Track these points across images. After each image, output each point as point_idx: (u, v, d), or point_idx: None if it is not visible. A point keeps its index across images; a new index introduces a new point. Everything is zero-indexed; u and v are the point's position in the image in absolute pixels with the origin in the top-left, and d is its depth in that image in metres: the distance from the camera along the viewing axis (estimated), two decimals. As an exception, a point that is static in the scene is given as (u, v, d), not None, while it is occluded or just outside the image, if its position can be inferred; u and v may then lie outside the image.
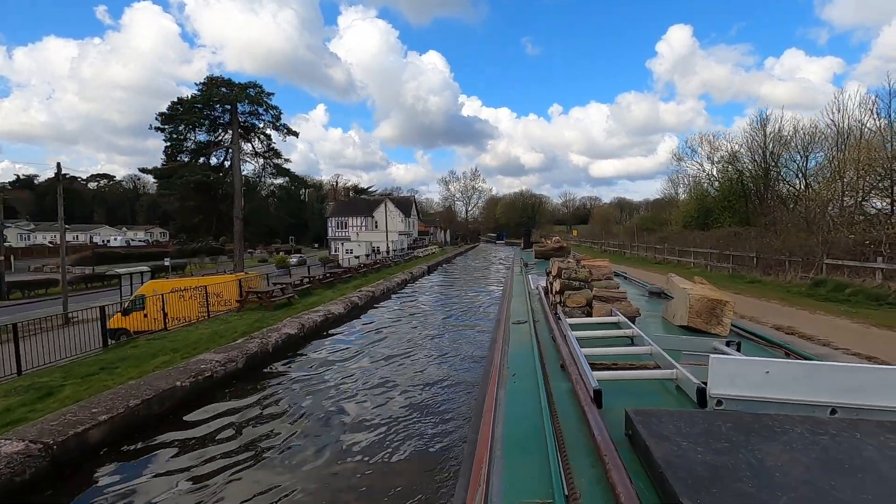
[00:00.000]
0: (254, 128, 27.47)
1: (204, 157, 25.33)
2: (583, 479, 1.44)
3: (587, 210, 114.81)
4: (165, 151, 23.95)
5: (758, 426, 1.44)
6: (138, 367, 8.86)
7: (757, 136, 37.23)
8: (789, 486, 1.13)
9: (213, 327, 12.67)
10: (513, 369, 2.87)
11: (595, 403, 1.86)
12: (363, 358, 11.34)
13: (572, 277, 3.94)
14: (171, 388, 7.86)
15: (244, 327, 11.96)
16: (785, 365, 1.78)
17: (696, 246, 23.64)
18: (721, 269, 19.93)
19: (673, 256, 26.65)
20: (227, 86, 24.99)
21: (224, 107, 25.76)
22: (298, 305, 16.47)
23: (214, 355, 9.45)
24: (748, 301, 12.56)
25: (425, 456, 6.43)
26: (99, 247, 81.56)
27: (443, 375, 9.86)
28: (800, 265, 15.02)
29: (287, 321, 12.90)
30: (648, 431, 1.42)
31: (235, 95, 24.71)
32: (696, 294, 3.36)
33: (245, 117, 27.00)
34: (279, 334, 11.65)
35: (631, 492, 1.24)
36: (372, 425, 7.43)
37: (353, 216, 68.13)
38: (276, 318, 13.52)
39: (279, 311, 14.85)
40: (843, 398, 1.66)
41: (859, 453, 1.28)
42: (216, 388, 8.75)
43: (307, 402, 8.55)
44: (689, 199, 45.27)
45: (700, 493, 1.10)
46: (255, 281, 19.30)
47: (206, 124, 25.75)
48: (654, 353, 2.51)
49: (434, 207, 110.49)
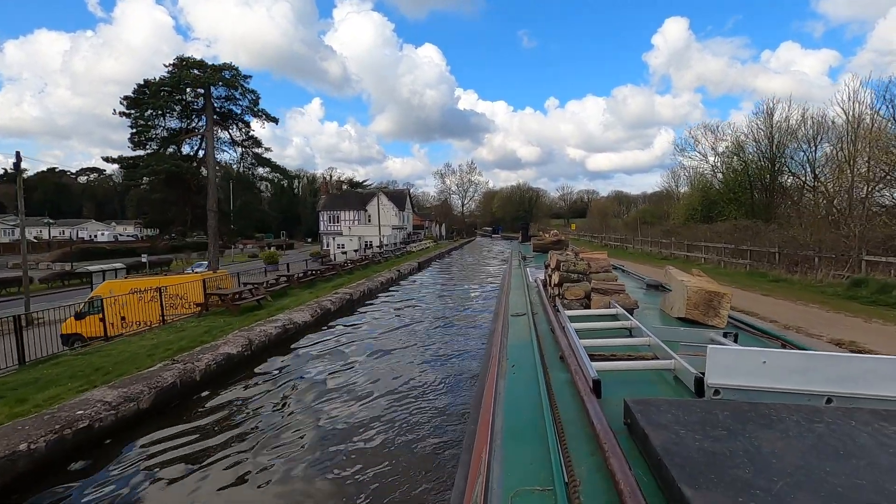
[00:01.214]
0: (231, 114, 25.51)
1: (174, 145, 23.36)
2: (582, 466, 1.46)
3: (585, 203, 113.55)
4: (131, 139, 21.98)
5: (754, 415, 1.45)
6: (10, 405, 6.55)
7: (763, 126, 35.75)
8: (785, 473, 1.13)
9: (160, 337, 10.89)
10: (512, 361, 2.88)
11: (594, 393, 1.87)
12: (321, 396, 8.23)
13: (571, 270, 3.93)
14: (9, 456, 5.21)
15: (186, 341, 10.05)
16: (781, 355, 1.81)
17: (707, 240, 21.85)
18: (736, 266, 18.22)
19: (680, 251, 24.92)
20: (200, 67, 23.00)
21: (197, 91, 23.81)
22: (271, 308, 14.69)
23: (107, 392, 6.80)
24: (782, 305, 10.84)
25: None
26: (85, 242, 79.41)
27: (427, 432, 6.61)
28: (832, 262, 13.32)
29: (232, 336, 10.37)
30: (647, 420, 1.43)
31: (208, 78, 22.73)
32: (694, 286, 3.34)
33: (221, 103, 25.04)
34: (214, 355, 9.01)
35: (630, 479, 1.25)
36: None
37: (346, 210, 66.26)
38: (234, 325, 11.73)
39: (246, 316, 13.07)
40: (839, 387, 1.68)
41: (853, 440, 1.29)
42: (95, 446, 6.11)
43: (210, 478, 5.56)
44: (691, 192, 43.74)
45: (697, 479, 1.11)
46: (225, 280, 17.47)
47: (177, 110, 23.78)
48: (653, 344, 2.51)
49: (430, 201, 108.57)
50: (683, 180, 52.15)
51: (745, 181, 36.29)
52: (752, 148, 37.02)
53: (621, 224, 60.10)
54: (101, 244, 74.47)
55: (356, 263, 27.05)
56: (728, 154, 39.24)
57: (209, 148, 23.43)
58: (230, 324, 11.85)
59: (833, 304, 10.63)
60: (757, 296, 12.13)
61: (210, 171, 23.14)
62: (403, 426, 6.85)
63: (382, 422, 7.01)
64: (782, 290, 12.79)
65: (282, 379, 9.30)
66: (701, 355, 1.95)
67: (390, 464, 5.73)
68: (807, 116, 32.69)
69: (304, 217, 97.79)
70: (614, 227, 55.50)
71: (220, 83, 23.41)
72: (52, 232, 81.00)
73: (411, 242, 57.41)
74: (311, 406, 7.85)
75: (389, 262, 32.05)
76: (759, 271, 16.21)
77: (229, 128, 25.79)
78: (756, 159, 36.58)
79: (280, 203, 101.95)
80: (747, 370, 1.73)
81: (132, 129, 21.81)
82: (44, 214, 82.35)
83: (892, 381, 1.67)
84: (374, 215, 59.14)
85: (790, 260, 15.10)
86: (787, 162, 34.90)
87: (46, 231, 79.34)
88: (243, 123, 25.99)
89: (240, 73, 23.67)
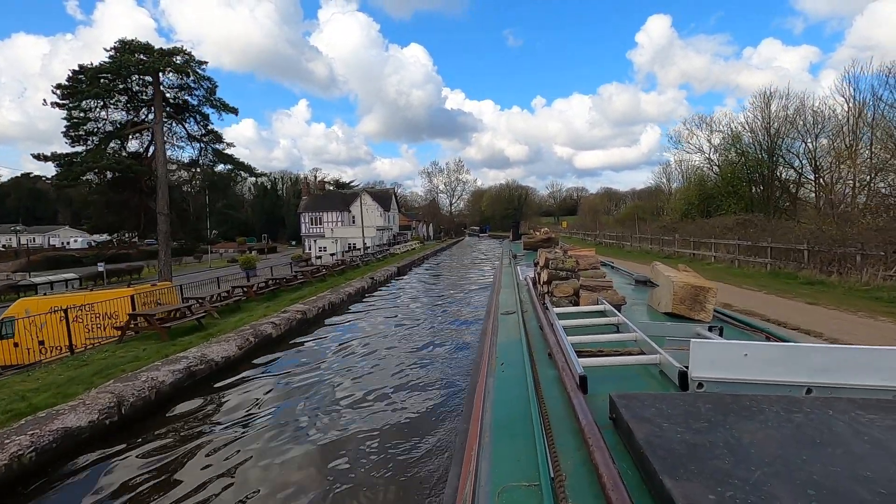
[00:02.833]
0: (187, 106, 22.87)
1: (119, 140, 20.67)
2: (568, 461, 1.47)
3: (574, 201, 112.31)
4: (66, 133, 19.23)
5: (736, 406, 1.47)
6: None
7: (760, 116, 34.09)
8: (763, 462, 1.16)
9: (57, 374, 8.42)
10: (501, 359, 2.91)
11: (580, 389, 1.89)
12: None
13: (559, 268, 3.94)
14: None
15: (49, 394, 7.16)
16: (763, 347, 1.84)
17: (717, 236, 19.64)
18: (754, 265, 16.08)
19: (685, 249, 22.78)
20: (146, 52, 20.36)
21: (145, 79, 21.15)
22: (213, 328, 12.21)
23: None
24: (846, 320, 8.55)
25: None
26: (56, 249, 75.64)
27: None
28: (880, 261, 11.20)
29: (96, 393, 6.78)
30: (631, 414, 1.45)
31: (155, 63, 20.08)
32: (680, 281, 3.37)
33: (175, 93, 22.40)
34: (40, 434, 5.55)
35: (613, 472, 1.27)
36: None
37: (328, 211, 63.49)
38: (151, 357, 9.22)
39: (176, 342, 10.58)
40: (819, 378, 1.72)
41: (830, 429, 1.31)
42: None
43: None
44: (687, 186, 41.94)
45: (678, 470, 1.13)
46: (167, 295, 14.94)
47: (122, 100, 21.10)
48: (639, 339, 2.53)
49: (419, 201, 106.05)
50: (676, 175, 50.90)
51: (743, 174, 34.71)
52: (748, 139, 35.49)
53: (613, 221, 58.51)
54: (71, 251, 70.69)
55: (330, 269, 24.52)
56: (725, 146, 37.62)
57: (158, 143, 20.80)
58: (146, 356, 9.35)
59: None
60: (800, 305, 9.96)
61: (160, 169, 20.50)
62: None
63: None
64: (825, 296, 10.61)
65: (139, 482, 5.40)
66: (686, 349, 1.92)
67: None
68: (806, 106, 31.07)
69: (288, 219, 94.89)
70: (606, 224, 53.83)
71: (170, 70, 20.77)
72: (22, 239, 76.96)
73: (396, 244, 54.87)
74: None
75: (370, 265, 29.58)
76: (785, 271, 14.08)
77: (185, 121, 23.16)
78: (753, 151, 35.01)
79: (263, 205, 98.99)
80: (730, 363, 1.76)
81: (66, 122, 19.07)
82: (17, 221, 78.60)
83: (870, 370, 1.71)
84: (359, 216, 56.48)
85: (823, 258, 12.96)
86: (784, 154, 33.34)
87: (16, 239, 75.32)
88: (201, 116, 23.36)
89: (193, 58, 21.03)
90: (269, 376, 9.33)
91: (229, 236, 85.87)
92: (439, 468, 5.48)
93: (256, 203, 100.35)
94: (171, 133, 23.46)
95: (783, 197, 33.78)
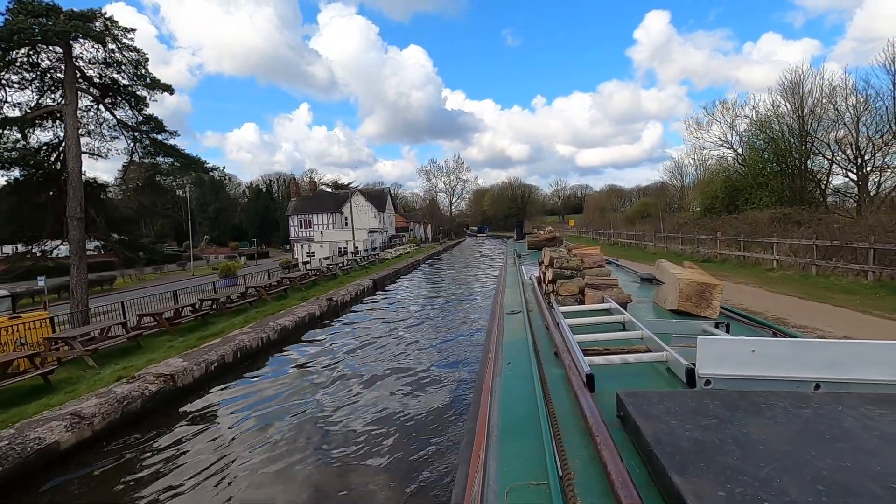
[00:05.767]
0: (116, 86, 18.72)
1: (17, 126, 16.55)
2: (576, 459, 1.45)
3: (579, 199, 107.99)
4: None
5: (743, 403, 1.44)
6: None
7: (792, 99, 29.71)
8: (771, 458, 1.13)
9: None
10: (507, 358, 2.88)
11: (587, 387, 1.87)
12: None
13: (564, 266, 3.94)
14: None
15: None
16: (770, 343, 1.81)
17: (780, 235, 15.13)
18: (845, 272, 11.77)
19: (730, 250, 18.38)
20: (50, 14, 16.27)
21: (55, 50, 17.05)
22: (104, 375, 8.09)
23: None
24: None
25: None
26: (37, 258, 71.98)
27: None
28: None
29: None
30: (639, 412, 1.42)
31: (65, 28, 15.96)
32: (686, 279, 3.30)
33: (99, 69, 18.26)
34: None
35: (622, 470, 1.25)
36: None
37: (318, 213, 59.37)
38: None
39: None
40: (827, 373, 1.69)
41: (839, 424, 1.29)
42: None
43: None
44: (711, 178, 37.60)
45: (687, 467, 1.11)
46: (37, 329, 10.77)
47: (26, 79, 17.02)
48: (645, 337, 2.52)
49: (420, 202, 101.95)
50: (689, 167, 46.83)
51: (773, 163, 30.42)
52: (775, 125, 31.10)
53: (623, 218, 54.47)
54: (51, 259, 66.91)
55: (294, 281, 20.27)
56: (751, 133, 33.29)
57: (70, 129, 16.66)
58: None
59: None
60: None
61: (72, 163, 16.39)
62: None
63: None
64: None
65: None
66: (693, 346, 1.93)
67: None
68: (847, 82, 26.78)
69: (282, 223, 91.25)
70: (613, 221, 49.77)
71: (87, 37, 16.64)
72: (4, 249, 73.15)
73: (391, 247, 50.67)
74: None
75: (351, 274, 25.43)
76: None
77: (116, 106, 19.01)
78: (782, 137, 30.59)
79: (256, 208, 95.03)
80: (737, 359, 1.75)
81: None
82: (4, 228, 74.73)
83: (878, 365, 1.66)
84: (350, 218, 52.36)
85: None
86: (817, 144, 28.91)
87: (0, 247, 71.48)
88: (136, 99, 19.16)
89: (115, 23, 16.96)
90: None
91: (222, 241, 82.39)
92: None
93: (249, 206, 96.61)
94: (99, 121, 19.29)
95: (815, 189, 29.62)
